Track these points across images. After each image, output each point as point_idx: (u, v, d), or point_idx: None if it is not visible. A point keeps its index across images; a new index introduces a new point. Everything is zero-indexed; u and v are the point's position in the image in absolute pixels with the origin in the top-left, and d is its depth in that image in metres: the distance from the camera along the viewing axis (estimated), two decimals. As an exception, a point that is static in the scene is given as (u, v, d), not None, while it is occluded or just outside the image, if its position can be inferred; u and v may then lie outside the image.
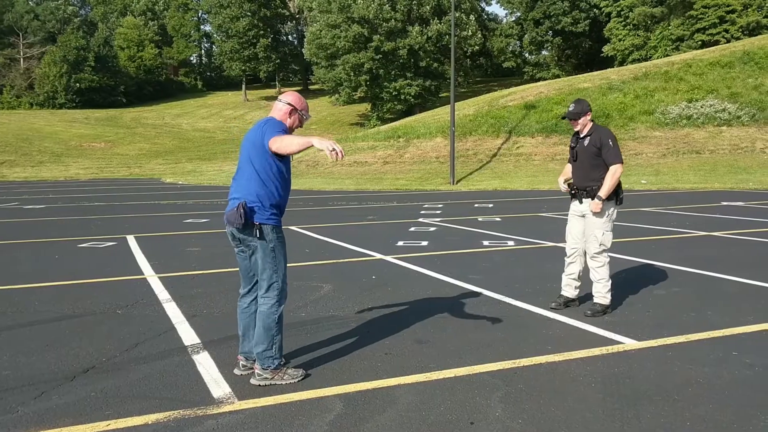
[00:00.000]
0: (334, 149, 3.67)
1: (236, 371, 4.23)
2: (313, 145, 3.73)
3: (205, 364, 4.42)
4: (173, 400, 3.79)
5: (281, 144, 3.88)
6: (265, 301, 4.06)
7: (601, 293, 5.59)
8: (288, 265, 4.20)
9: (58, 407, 3.70)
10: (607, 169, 5.49)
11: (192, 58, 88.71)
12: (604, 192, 5.44)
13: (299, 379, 4.08)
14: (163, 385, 4.03)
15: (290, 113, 4.20)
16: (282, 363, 4.10)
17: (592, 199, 5.54)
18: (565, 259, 5.89)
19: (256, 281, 4.17)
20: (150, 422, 3.48)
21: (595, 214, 5.52)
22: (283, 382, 4.02)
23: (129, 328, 5.29)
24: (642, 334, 4.98)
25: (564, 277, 5.88)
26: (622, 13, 51.40)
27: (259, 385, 4.01)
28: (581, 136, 5.67)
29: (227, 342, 4.91)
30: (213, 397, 3.82)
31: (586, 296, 5.92)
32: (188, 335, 5.09)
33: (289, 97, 4.24)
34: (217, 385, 4.02)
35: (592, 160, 5.56)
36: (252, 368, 4.15)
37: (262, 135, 4.00)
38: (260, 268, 4.07)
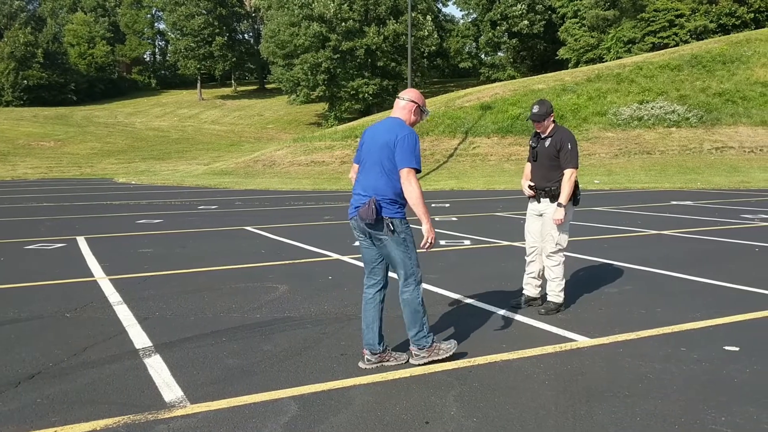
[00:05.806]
0: (430, 243, 4.06)
1: (361, 364, 4.30)
2: (422, 218, 4.03)
3: (156, 367, 4.32)
4: (123, 404, 3.69)
5: (410, 189, 4.03)
6: (407, 289, 4.25)
7: (555, 291, 5.65)
8: (242, 266, 4.14)
9: (1, 415, 3.57)
10: None
11: (146, 56, 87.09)
12: (564, 198, 5.46)
13: (453, 350, 4.31)
14: (113, 390, 3.92)
15: (414, 111, 4.28)
16: (433, 340, 4.28)
17: (551, 200, 5.59)
18: (525, 258, 5.93)
19: (381, 271, 4.39)
20: (98, 428, 3.39)
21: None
22: (440, 357, 4.25)
23: (78, 332, 5.15)
24: (594, 331, 5.06)
25: (525, 276, 5.92)
26: (579, 13, 52.33)
27: (420, 364, 4.22)
28: (543, 136, 5.67)
29: (180, 345, 4.82)
30: (164, 401, 3.74)
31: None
32: (139, 338, 4.98)
33: (412, 94, 4.34)
34: (169, 388, 3.94)
35: (551, 160, 5.58)
36: (376, 361, 4.28)
37: (394, 146, 4.08)
38: (396, 261, 4.23)
